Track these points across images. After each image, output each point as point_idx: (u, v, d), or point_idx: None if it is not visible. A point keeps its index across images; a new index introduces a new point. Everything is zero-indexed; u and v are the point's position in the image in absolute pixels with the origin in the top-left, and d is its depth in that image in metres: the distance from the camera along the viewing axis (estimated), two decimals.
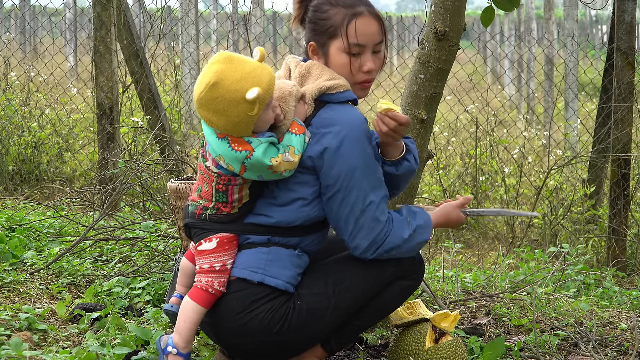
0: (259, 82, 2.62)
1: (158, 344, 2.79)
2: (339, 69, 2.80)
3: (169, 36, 11.37)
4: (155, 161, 5.72)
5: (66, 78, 11.56)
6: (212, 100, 2.64)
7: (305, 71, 2.81)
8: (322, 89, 2.74)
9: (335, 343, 2.87)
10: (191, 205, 2.82)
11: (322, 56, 2.82)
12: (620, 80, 5.32)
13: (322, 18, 2.80)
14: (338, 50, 2.79)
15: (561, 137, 9.50)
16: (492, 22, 3.61)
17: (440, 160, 7.19)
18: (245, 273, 2.73)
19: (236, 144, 2.66)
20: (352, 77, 2.81)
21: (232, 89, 2.61)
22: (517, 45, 14.66)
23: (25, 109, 7.54)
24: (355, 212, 2.72)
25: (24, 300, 3.67)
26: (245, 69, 2.64)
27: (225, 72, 2.63)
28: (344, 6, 2.79)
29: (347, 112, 2.74)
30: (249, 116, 2.63)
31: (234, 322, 2.72)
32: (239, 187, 2.72)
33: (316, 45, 2.82)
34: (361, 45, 2.79)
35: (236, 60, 2.65)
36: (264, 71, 2.65)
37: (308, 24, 2.84)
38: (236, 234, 2.76)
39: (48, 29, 14.95)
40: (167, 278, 3.90)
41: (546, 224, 6.04)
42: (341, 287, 2.77)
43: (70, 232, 4.86)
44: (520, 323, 3.73)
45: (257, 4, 9.69)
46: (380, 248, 2.74)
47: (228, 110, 2.63)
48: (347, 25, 2.77)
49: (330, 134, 2.71)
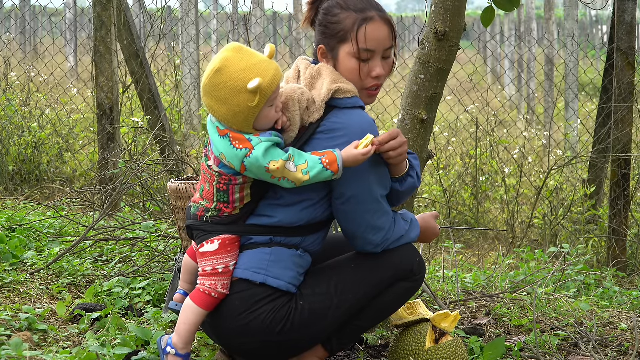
0: (262, 74, 2.61)
1: (159, 343, 2.79)
2: (348, 73, 2.78)
3: (169, 36, 11.37)
4: (155, 161, 5.72)
5: (66, 78, 11.56)
6: (215, 87, 2.64)
7: (315, 73, 2.79)
8: (331, 91, 2.73)
9: (336, 343, 2.88)
10: (193, 207, 2.81)
11: (331, 59, 2.81)
12: (620, 80, 5.32)
13: (332, 22, 2.78)
14: (347, 54, 2.77)
15: (561, 137, 9.50)
16: (492, 22, 3.61)
17: (440, 160, 7.19)
18: (247, 274, 2.73)
19: (237, 142, 2.65)
20: (360, 82, 2.80)
21: (235, 77, 2.62)
22: (517, 45, 14.67)
23: (25, 109, 7.54)
24: (369, 212, 2.74)
25: (24, 300, 3.67)
26: (252, 61, 2.64)
27: (231, 60, 2.63)
28: (354, 10, 2.77)
29: (357, 116, 2.74)
30: (249, 107, 2.62)
31: (236, 322, 2.72)
32: (239, 186, 2.72)
33: (325, 48, 2.81)
34: (370, 50, 2.77)
35: (245, 51, 2.65)
36: (270, 65, 2.64)
37: (318, 26, 2.83)
38: (238, 235, 2.76)
39: (48, 29, 14.95)
40: (167, 278, 3.90)
41: (546, 224, 6.04)
42: (343, 288, 2.78)
43: (70, 232, 4.86)
44: (520, 323, 3.73)
45: (257, 4, 9.69)
46: (389, 240, 2.80)
47: (229, 98, 2.63)
48: (357, 30, 2.75)
49: (340, 138, 2.70)
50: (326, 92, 2.72)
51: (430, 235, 3.01)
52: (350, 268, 2.81)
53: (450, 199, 6.54)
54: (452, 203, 6.62)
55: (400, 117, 3.37)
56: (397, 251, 2.84)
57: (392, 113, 9.62)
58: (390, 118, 9.06)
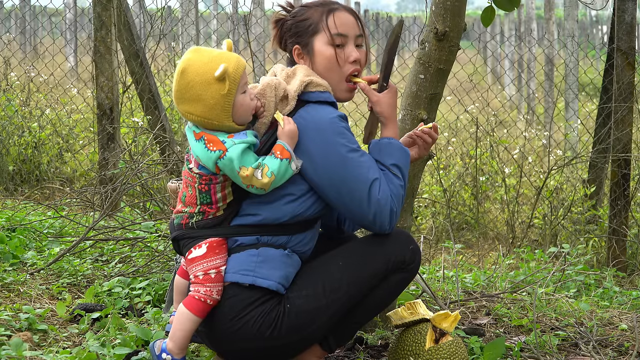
0: (226, 61, 2.68)
1: (152, 349, 2.80)
2: (326, 62, 2.85)
3: (169, 36, 11.36)
4: (155, 161, 5.71)
5: (66, 78, 11.56)
6: (184, 88, 2.69)
7: (291, 72, 2.85)
8: (304, 83, 2.78)
9: (334, 341, 2.87)
10: (176, 218, 2.82)
11: (307, 56, 2.87)
12: (620, 80, 5.32)
13: (300, 19, 2.88)
14: (322, 44, 2.85)
15: (561, 137, 9.50)
16: (492, 22, 3.61)
17: (440, 160, 7.19)
18: (235, 276, 2.73)
19: (211, 144, 2.69)
20: (339, 71, 2.85)
21: (201, 71, 2.67)
22: (517, 45, 14.66)
23: (25, 109, 7.54)
24: (357, 197, 2.73)
25: (24, 300, 3.67)
26: (212, 54, 2.71)
27: (191, 59, 2.70)
28: (318, 5, 2.89)
29: (324, 110, 2.77)
30: (222, 96, 2.66)
31: (227, 329, 2.72)
32: (220, 185, 2.74)
33: (300, 47, 2.88)
34: (343, 35, 2.85)
35: (203, 49, 2.73)
36: (230, 55, 2.72)
37: (288, 32, 2.91)
38: (224, 237, 2.76)
39: (48, 29, 14.95)
40: (167, 278, 3.90)
41: (546, 224, 6.04)
42: (333, 286, 2.75)
43: (70, 232, 4.85)
44: (520, 323, 3.73)
45: (257, 4, 9.68)
46: (396, 211, 2.77)
47: (201, 94, 2.67)
48: (327, 19, 2.86)
49: (309, 132, 2.73)
50: (299, 84, 2.78)
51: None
52: (337, 265, 2.79)
53: (450, 199, 6.54)
54: (452, 203, 6.62)
55: (400, 117, 3.37)
56: (387, 241, 2.81)
57: None
58: None
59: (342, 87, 2.88)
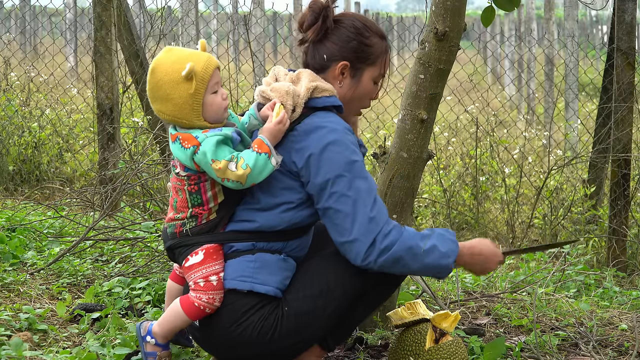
0: (194, 61, 2.67)
1: (138, 329, 2.83)
2: (362, 94, 2.89)
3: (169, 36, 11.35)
4: (155, 161, 5.71)
5: (66, 78, 11.56)
6: (154, 87, 2.70)
7: (295, 77, 2.82)
8: (310, 89, 2.76)
9: (332, 340, 2.87)
10: (169, 227, 2.81)
11: (348, 77, 2.86)
12: (620, 80, 5.32)
13: (366, 44, 2.86)
14: (370, 77, 2.88)
15: (561, 137, 9.50)
16: (492, 22, 3.61)
17: (440, 160, 7.19)
18: (233, 283, 2.72)
19: (185, 142, 2.70)
20: (363, 103, 2.90)
21: (169, 71, 2.68)
22: (517, 45, 14.66)
23: (25, 109, 7.54)
24: (351, 214, 2.67)
25: (24, 300, 3.67)
26: (182, 54, 2.71)
27: (161, 59, 2.71)
28: (379, 36, 2.89)
29: (331, 119, 2.76)
30: (190, 95, 2.67)
31: (226, 336, 2.72)
32: (209, 182, 2.73)
33: (350, 66, 2.85)
34: (383, 76, 2.92)
35: (175, 49, 2.73)
36: (201, 54, 2.72)
37: (343, 42, 2.85)
38: (220, 243, 2.76)
39: (48, 29, 14.95)
40: (167, 278, 3.90)
41: (546, 224, 6.04)
42: (329, 286, 2.75)
43: (70, 232, 4.85)
44: (520, 323, 3.73)
45: (257, 4, 9.68)
46: (383, 253, 2.67)
47: (169, 93, 2.68)
48: (384, 57, 2.89)
49: (313, 140, 2.71)
50: (305, 91, 2.75)
51: (489, 260, 2.83)
52: (333, 264, 2.78)
53: (450, 199, 6.54)
54: (452, 203, 6.62)
55: (400, 117, 3.37)
56: None
57: (392, 113, 9.63)
58: (390, 118, 9.06)
59: (352, 112, 2.94)
